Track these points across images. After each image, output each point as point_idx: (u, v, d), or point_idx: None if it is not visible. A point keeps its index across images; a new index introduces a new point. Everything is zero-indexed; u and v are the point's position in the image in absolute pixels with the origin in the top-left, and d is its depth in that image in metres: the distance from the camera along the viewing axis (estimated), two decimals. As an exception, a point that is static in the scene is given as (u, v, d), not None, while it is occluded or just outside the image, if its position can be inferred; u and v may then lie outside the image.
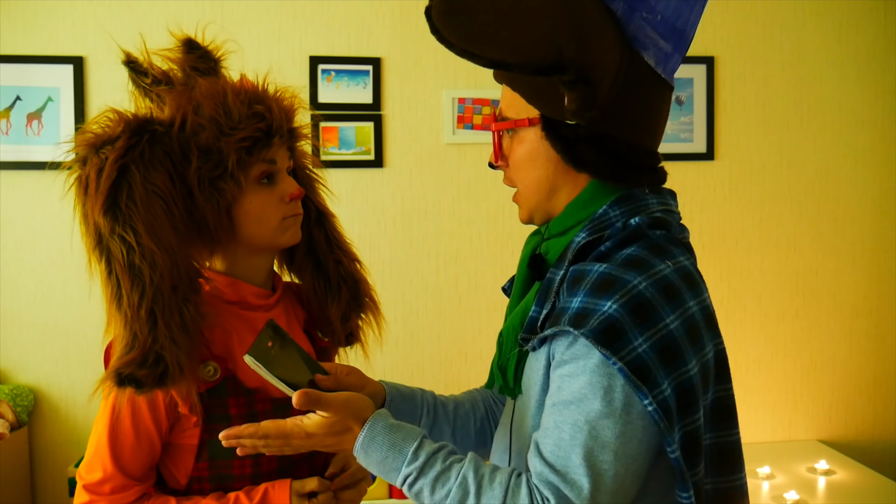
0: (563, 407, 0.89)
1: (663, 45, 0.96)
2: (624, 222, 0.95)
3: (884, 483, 2.51)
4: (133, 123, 1.10)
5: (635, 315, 0.86)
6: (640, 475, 0.90)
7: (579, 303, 0.90)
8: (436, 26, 0.90)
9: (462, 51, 0.91)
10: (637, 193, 0.98)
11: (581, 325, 0.87)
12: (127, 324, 1.04)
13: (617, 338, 0.85)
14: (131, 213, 1.05)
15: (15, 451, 2.49)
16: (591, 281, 0.90)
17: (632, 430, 0.87)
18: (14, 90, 2.57)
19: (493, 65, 0.92)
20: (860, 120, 2.96)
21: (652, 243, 0.94)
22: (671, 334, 0.88)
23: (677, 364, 0.88)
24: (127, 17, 2.60)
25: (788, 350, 2.97)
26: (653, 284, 0.89)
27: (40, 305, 2.60)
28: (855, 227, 2.97)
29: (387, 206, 2.76)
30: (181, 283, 1.08)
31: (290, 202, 1.17)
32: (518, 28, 0.90)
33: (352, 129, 2.71)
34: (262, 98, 1.17)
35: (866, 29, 2.93)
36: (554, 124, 0.95)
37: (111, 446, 1.10)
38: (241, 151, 1.12)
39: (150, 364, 1.03)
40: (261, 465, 1.15)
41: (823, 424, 3.00)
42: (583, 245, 0.95)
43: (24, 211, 2.59)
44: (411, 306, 2.77)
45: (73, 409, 2.64)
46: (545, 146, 0.97)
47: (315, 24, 2.70)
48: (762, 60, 2.90)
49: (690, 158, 2.88)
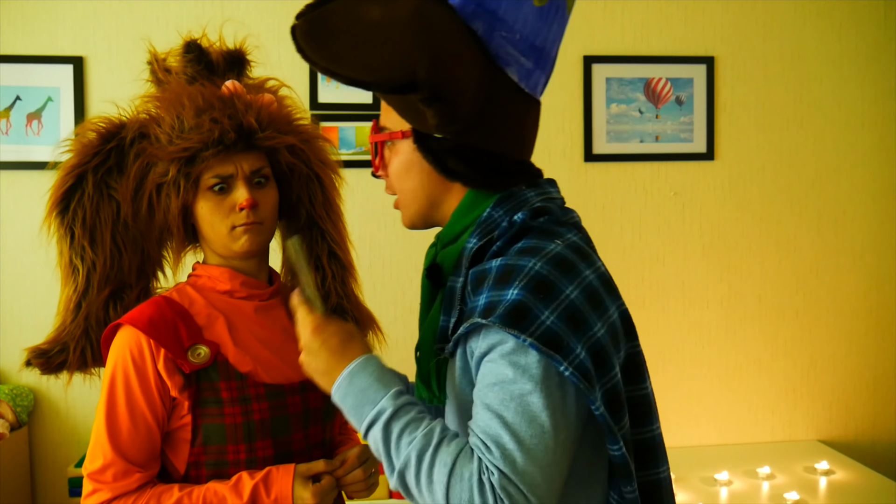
0: (487, 390, 0.93)
1: (524, 61, 1.01)
2: (509, 220, 1.00)
3: (884, 483, 2.51)
4: (105, 132, 1.21)
5: (537, 293, 0.91)
6: (571, 444, 0.94)
7: (485, 298, 0.94)
8: (300, 45, 0.95)
9: (324, 69, 0.96)
10: (515, 192, 1.03)
11: (489, 316, 0.92)
12: (60, 311, 1.23)
13: (523, 317, 0.90)
14: (75, 217, 1.19)
15: (15, 451, 2.49)
16: (492, 276, 0.95)
17: (555, 400, 0.91)
18: (14, 90, 2.57)
19: (352, 83, 0.97)
20: (860, 120, 2.96)
21: (539, 230, 1.00)
22: (573, 303, 0.93)
23: (584, 329, 0.93)
24: (127, 17, 2.60)
25: (788, 350, 2.97)
26: (547, 262, 0.94)
27: (40, 305, 2.60)
28: (855, 227, 2.98)
29: (387, 207, 2.76)
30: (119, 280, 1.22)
31: (240, 211, 1.18)
32: (374, 49, 0.95)
33: (352, 129, 2.72)
34: (219, 105, 1.18)
35: (866, 29, 2.93)
36: (424, 137, 1.01)
37: (109, 433, 1.14)
38: (182, 162, 1.16)
39: (54, 354, 1.22)
40: (255, 450, 1.17)
41: (823, 424, 3.00)
42: (476, 250, 1.00)
43: (24, 211, 2.58)
44: (411, 306, 2.77)
45: (73, 409, 2.64)
46: (418, 157, 1.03)
47: (315, 24, 2.70)
48: (762, 60, 2.91)
49: (690, 158, 2.88)
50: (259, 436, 1.17)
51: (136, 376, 1.14)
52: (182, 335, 1.16)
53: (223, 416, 1.15)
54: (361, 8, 0.95)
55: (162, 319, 1.16)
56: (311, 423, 1.25)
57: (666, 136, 2.87)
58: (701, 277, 2.91)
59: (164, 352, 1.14)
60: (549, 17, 1.01)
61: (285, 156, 1.24)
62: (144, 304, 1.19)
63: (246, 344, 1.21)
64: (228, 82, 1.22)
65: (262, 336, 1.23)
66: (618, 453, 0.94)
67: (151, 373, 1.14)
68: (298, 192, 1.28)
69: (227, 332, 1.20)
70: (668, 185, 2.89)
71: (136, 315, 1.17)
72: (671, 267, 2.90)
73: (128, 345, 1.15)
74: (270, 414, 1.18)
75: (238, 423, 1.16)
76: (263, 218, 1.21)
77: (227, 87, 1.21)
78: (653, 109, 2.86)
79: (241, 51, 1.33)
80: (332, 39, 0.95)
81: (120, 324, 1.18)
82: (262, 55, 1.40)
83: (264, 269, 1.30)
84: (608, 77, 2.83)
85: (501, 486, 0.88)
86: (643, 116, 2.85)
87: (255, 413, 1.17)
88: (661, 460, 1.04)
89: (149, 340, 1.14)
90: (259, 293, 1.26)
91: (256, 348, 1.22)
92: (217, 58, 1.29)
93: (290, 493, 1.13)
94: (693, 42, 2.88)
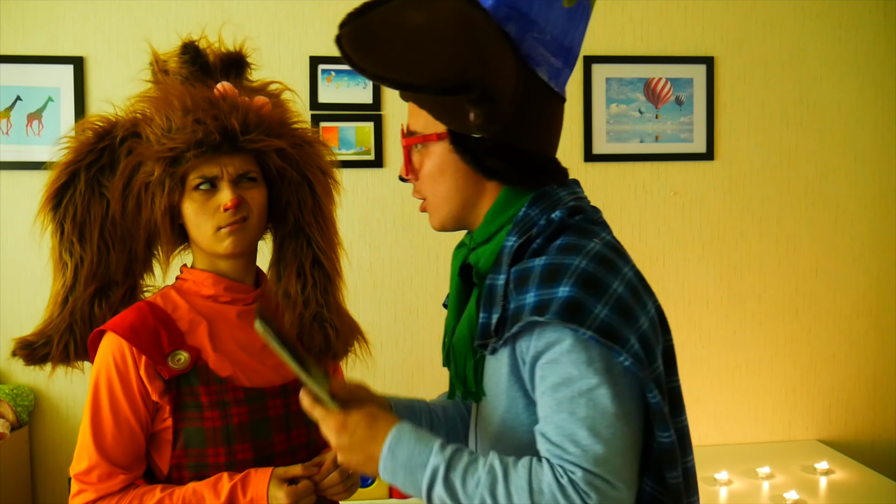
0: (553, 391, 0.94)
1: (554, 61, 1.04)
2: (546, 218, 1.02)
3: (884, 483, 2.51)
4: (101, 130, 1.22)
5: (587, 288, 0.94)
6: (640, 430, 0.97)
7: (534, 297, 0.96)
8: (347, 53, 0.95)
9: (373, 76, 0.96)
10: (548, 191, 1.06)
11: (544, 314, 0.93)
12: (49, 304, 1.26)
13: (579, 311, 0.92)
14: (66, 213, 1.21)
15: (15, 451, 2.49)
16: (537, 275, 0.97)
17: (620, 389, 0.94)
18: (14, 90, 2.57)
19: (403, 87, 0.98)
20: (860, 120, 2.96)
21: (577, 228, 1.02)
22: (621, 297, 0.96)
23: (633, 321, 0.96)
24: (127, 17, 2.60)
25: (788, 350, 2.97)
26: (591, 260, 0.97)
27: (40, 305, 2.59)
28: (855, 227, 2.98)
29: (387, 206, 2.76)
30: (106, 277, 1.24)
31: (225, 212, 1.19)
32: (423, 53, 0.96)
33: (352, 129, 2.72)
34: (205, 106, 1.18)
35: (866, 29, 2.93)
36: (461, 138, 1.03)
37: (94, 436, 1.17)
38: (167, 162, 1.17)
39: (38, 346, 1.24)
40: (234, 454, 1.19)
41: (823, 424, 3.00)
42: (516, 248, 1.02)
43: (24, 211, 2.58)
44: (411, 306, 2.77)
45: (73, 409, 2.64)
46: (453, 158, 1.05)
47: (315, 24, 2.70)
48: (762, 60, 2.91)
49: (690, 158, 2.88)
50: (238, 439, 1.19)
51: (119, 382, 1.17)
52: (163, 341, 1.18)
53: (203, 419, 1.17)
54: (404, 14, 0.96)
55: (144, 326, 1.18)
56: (293, 425, 1.26)
57: (666, 136, 2.87)
58: (701, 277, 2.92)
59: (144, 358, 1.16)
60: (576, 18, 1.05)
61: (274, 159, 1.24)
62: (128, 311, 1.21)
63: (227, 349, 1.22)
64: (220, 84, 1.22)
65: (243, 340, 1.24)
66: (668, 440, 0.96)
67: (134, 378, 1.17)
68: (288, 197, 1.28)
69: (208, 337, 1.21)
70: (667, 185, 2.89)
71: (119, 322, 1.19)
72: (671, 267, 2.90)
73: (111, 351, 1.17)
74: (250, 417, 1.20)
75: (217, 426, 1.17)
76: (249, 213, 1.21)
77: (217, 89, 1.21)
78: (653, 109, 2.86)
79: (240, 53, 1.33)
80: (379, 46, 0.96)
81: (105, 330, 1.19)
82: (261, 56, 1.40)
83: (251, 271, 1.31)
84: (608, 77, 2.84)
85: (587, 482, 0.90)
86: (643, 116, 2.85)
87: (233, 417, 1.18)
88: (688, 450, 1.06)
89: (131, 347, 1.16)
90: (243, 297, 1.27)
91: (237, 353, 1.23)
92: (214, 59, 1.29)
93: (265, 493, 1.14)
94: (693, 42, 2.88)
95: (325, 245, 1.31)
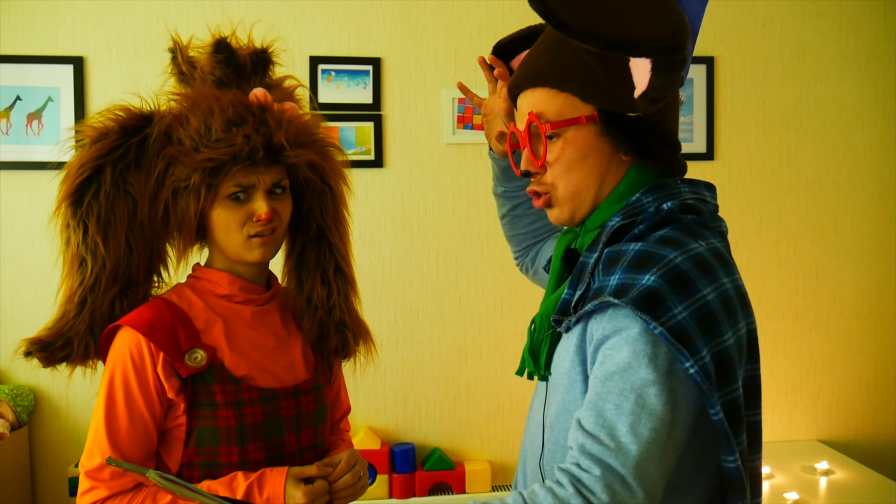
0: (605, 379, 0.90)
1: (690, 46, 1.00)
2: (657, 207, 0.98)
3: (884, 483, 2.51)
4: (128, 124, 1.17)
5: (673, 285, 0.89)
6: (681, 442, 0.91)
7: (618, 279, 0.92)
8: (551, 9, 0.88)
9: (582, 33, 0.89)
10: (669, 182, 1.02)
11: (621, 297, 0.89)
12: (63, 302, 1.19)
13: (657, 305, 0.88)
14: (90, 211, 1.15)
15: (15, 451, 2.49)
16: (627, 259, 0.93)
17: (675, 396, 0.89)
18: (14, 90, 2.57)
19: (615, 45, 0.90)
20: (860, 120, 2.96)
21: (684, 226, 0.97)
22: (708, 304, 0.90)
23: (714, 333, 0.90)
24: (127, 17, 2.60)
25: (788, 350, 2.97)
26: (688, 259, 0.92)
27: (40, 305, 2.60)
28: (855, 227, 2.98)
29: (387, 206, 2.76)
30: (128, 277, 1.20)
31: (257, 222, 1.18)
32: (638, 7, 0.90)
33: (352, 129, 2.71)
34: (248, 116, 1.16)
35: (866, 29, 2.93)
36: (616, 118, 0.97)
37: (108, 432, 1.15)
38: (206, 172, 1.14)
39: (57, 347, 1.18)
40: (247, 453, 1.18)
41: (823, 424, 3.00)
42: (616, 228, 0.98)
43: (24, 211, 2.59)
44: (411, 306, 2.77)
45: (73, 409, 2.64)
46: (601, 142, 0.99)
47: (315, 24, 2.70)
48: (762, 60, 2.90)
49: (690, 158, 2.85)
50: (251, 439, 1.18)
51: (135, 378, 1.15)
52: (180, 338, 1.17)
53: (217, 418, 1.17)
54: None
55: (161, 322, 1.17)
56: (303, 425, 1.26)
57: (666, 136, 2.87)
58: (701, 277, 2.91)
59: (162, 355, 1.15)
60: (704, 3, 1.03)
61: (304, 170, 1.23)
62: (145, 307, 1.19)
63: (241, 348, 1.22)
64: (258, 91, 1.20)
65: (256, 341, 1.24)
66: (733, 465, 0.91)
67: (150, 375, 1.15)
68: (310, 204, 1.28)
69: (224, 336, 1.21)
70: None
71: (137, 317, 1.17)
72: (671, 267, 2.90)
73: (128, 346, 1.16)
74: (263, 417, 1.20)
75: (231, 426, 1.17)
76: (279, 227, 1.22)
77: (255, 97, 1.19)
78: (653, 109, 2.86)
79: (268, 51, 1.30)
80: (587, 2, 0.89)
81: (120, 325, 1.18)
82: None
83: (264, 273, 1.31)
84: (608, 77, 2.83)
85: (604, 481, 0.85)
86: (643, 116, 2.85)
87: (248, 416, 1.18)
88: (757, 491, 1.00)
89: (148, 343, 1.15)
90: (256, 298, 1.27)
91: (251, 353, 1.22)
92: (244, 59, 1.26)
93: (281, 492, 1.14)
94: (693, 42, 2.87)
95: (343, 252, 1.31)
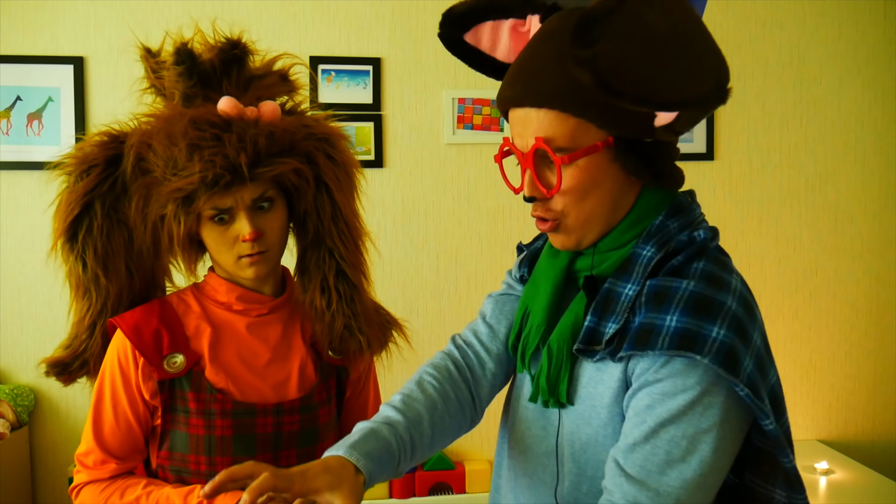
0: (657, 426, 0.89)
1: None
2: (689, 235, 0.99)
3: (884, 483, 2.51)
4: (110, 155, 1.17)
5: (740, 337, 0.89)
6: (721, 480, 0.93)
7: (677, 322, 0.89)
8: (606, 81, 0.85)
9: (637, 99, 0.86)
10: (683, 203, 1.03)
11: (694, 349, 0.87)
12: (74, 324, 1.24)
13: (737, 362, 0.87)
14: (85, 247, 1.18)
15: (15, 451, 2.49)
16: (682, 300, 0.91)
17: (726, 443, 0.90)
18: (14, 90, 2.57)
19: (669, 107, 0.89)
20: (860, 120, 2.96)
21: (715, 257, 0.98)
22: (759, 350, 0.92)
23: (765, 376, 0.92)
24: (127, 17, 2.60)
25: (788, 350, 2.97)
26: (739, 303, 0.92)
27: (40, 305, 2.60)
28: (855, 227, 2.98)
29: (387, 206, 2.76)
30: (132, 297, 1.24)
31: (244, 242, 1.15)
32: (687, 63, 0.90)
33: (352, 129, 2.71)
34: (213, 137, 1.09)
35: (866, 29, 2.93)
36: (631, 144, 0.96)
37: (94, 427, 1.21)
38: (179, 201, 1.12)
39: (75, 368, 1.24)
40: (215, 465, 1.18)
41: (823, 424, 3.00)
42: (656, 261, 0.96)
43: (24, 211, 2.59)
44: (411, 306, 2.77)
45: (73, 409, 2.64)
46: (614, 167, 0.97)
47: (315, 24, 2.70)
48: (762, 60, 2.91)
49: (690, 158, 2.88)
50: (218, 451, 1.18)
51: (120, 377, 1.19)
52: (164, 343, 1.18)
53: (189, 425, 1.18)
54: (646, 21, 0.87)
55: (147, 326, 1.19)
56: (282, 445, 1.22)
57: (666, 136, 2.86)
58: (701, 277, 2.91)
59: (143, 359, 1.18)
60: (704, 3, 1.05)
61: (290, 177, 1.17)
62: (139, 308, 1.22)
63: (225, 360, 1.21)
64: (224, 104, 1.13)
65: (247, 354, 1.22)
66: (789, 465, 0.94)
67: (133, 375, 1.19)
68: (306, 206, 1.22)
69: (208, 345, 1.21)
70: (668, 185, 2.88)
71: (128, 318, 1.20)
72: (671, 267, 2.90)
73: (116, 348, 1.20)
74: (233, 432, 1.18)
75: (200, 435, 1.17)
76: (269, 245, 1.18)
77: (222, 111, 1.13)
78: (653, 109, 2.86)
79: (237, 42, 1.21)
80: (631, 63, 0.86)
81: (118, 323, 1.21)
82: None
83: (270, 280, 1.26)
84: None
85: None
86: (643, 116, 2.85)
87: (216, 429, 1.17)
88: None
89: (133, 347, 1.18)
90: (257, 307, 1.25)
91: (236, 365, 1.21)
92: (212, 59, 1.18)
93: None
94: (693, 42, 2.88)
95: (347, 253, 1.24)
